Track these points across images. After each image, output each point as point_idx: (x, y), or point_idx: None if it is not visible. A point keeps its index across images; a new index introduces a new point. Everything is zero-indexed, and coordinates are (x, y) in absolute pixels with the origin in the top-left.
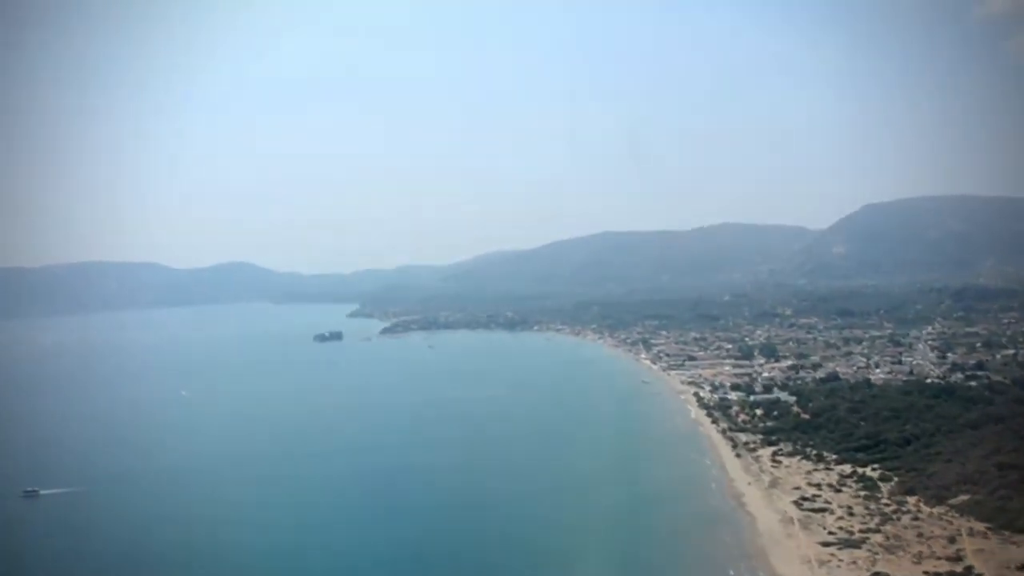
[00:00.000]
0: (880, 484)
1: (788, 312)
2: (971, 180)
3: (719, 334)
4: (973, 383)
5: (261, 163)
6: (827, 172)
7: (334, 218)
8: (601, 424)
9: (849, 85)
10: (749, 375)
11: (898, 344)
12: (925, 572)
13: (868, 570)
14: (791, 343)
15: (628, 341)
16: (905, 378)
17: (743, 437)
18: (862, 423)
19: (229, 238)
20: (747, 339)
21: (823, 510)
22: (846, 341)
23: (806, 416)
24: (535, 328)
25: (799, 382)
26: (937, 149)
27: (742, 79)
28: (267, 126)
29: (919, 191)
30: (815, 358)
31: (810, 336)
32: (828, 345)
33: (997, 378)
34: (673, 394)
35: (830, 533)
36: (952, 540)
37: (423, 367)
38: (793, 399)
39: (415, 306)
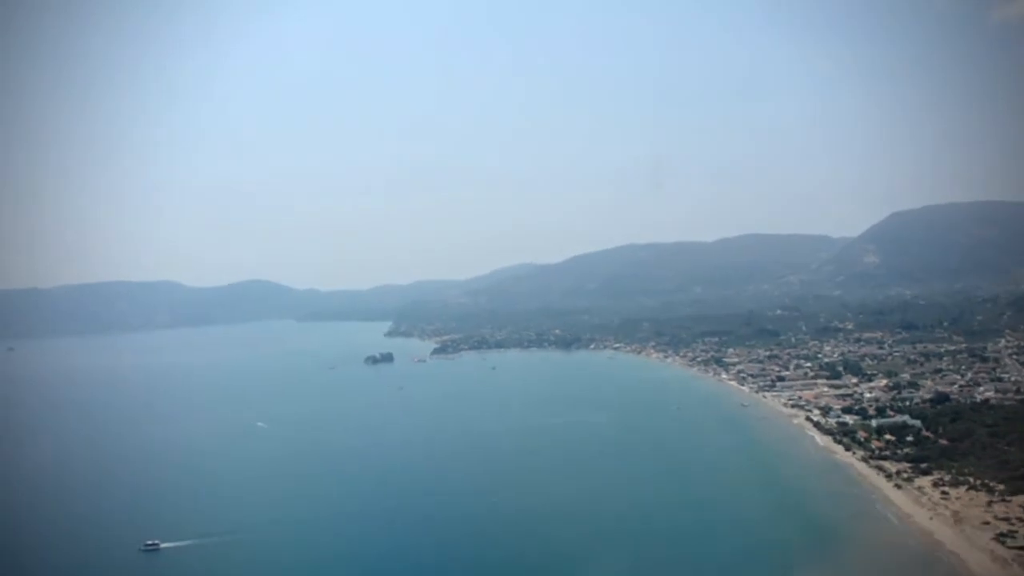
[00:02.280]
0: None
1: (850, 326)
2: (997, 185)
3: (788, 351)
4: None
5: (275, 177)
6: (847, 180)
7: (349, 233)
8: (732, 452)
9: (862, 90)
10: (851, 396)
11: (983, 359)
12: None
13: None
14: (868, 359)
15: (698, 360)
16: (1018, 397)
17: (890, 466)
18: (1008, 448)
19: (246, 255)
20: (819, 356)
21: None
22: (925, 357)
23: (944, 441)
24: (591, 347)
25: (906, 403)
26: (960, 155)
27: (759, 86)
28: (281, 139)
29: (944, 198)
30: (905, 376)
31: (882, 351)
32: (908, 361)
33: None
34: (781, 418)
35: None
36: None
37: (499, 390)
38: (918, 422)
39: (450, 324)
